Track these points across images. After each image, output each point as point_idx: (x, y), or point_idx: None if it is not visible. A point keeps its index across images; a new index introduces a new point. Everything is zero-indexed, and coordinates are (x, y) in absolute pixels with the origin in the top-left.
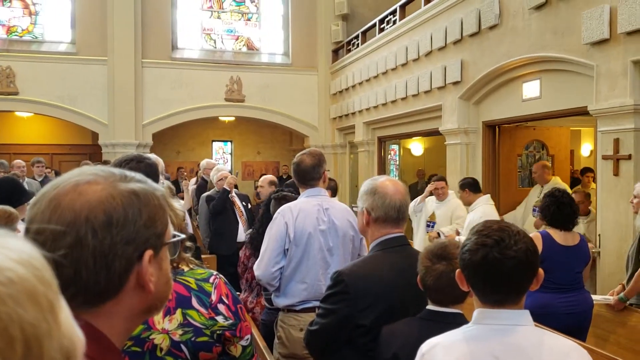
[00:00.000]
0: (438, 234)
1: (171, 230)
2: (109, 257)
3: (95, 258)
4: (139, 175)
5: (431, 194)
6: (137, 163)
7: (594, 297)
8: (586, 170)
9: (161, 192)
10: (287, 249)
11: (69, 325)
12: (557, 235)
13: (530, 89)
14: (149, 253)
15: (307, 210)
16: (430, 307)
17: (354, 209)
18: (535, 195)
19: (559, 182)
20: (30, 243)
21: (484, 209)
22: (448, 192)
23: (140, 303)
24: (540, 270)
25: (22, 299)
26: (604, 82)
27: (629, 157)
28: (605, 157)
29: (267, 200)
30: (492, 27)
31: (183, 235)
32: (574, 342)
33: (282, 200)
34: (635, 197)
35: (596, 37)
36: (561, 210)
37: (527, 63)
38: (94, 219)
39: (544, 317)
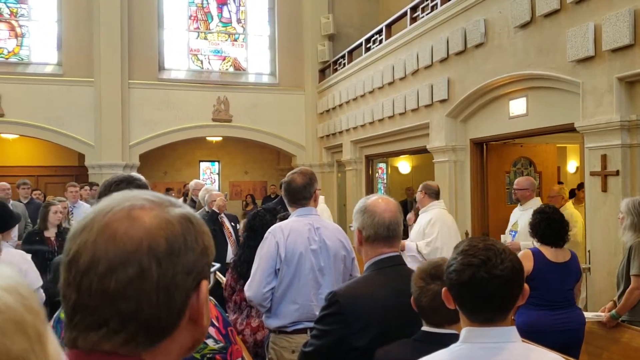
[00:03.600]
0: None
1: None
2: (171, 289)
3: (159, 291)
4: (179, 201)
5: None
6: (127, 184)
7: (585, 314)
8: (582, 185)
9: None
10: (278, 269)
11: (56, 356)
12: (548, 252)
13: (517, 106)
14: (205, 283)
15: (298, 229)
16: (425, 328)
17: (351, 228)
18: None
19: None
20: (78, 278)
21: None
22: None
23: (190, 339)
24: (526, 286)
25: (9, 330)
26: (590, 99)
27: (617, 173)
28: (593, 174)
29: (245, 228)
30: (477, 46)
31: (218, 265)
32: (561, 357)
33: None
34: (621, 213)
35: (581, 55)
36: (552, 227)
37: (513, 81)
38: (157, 247)
39: (536, 335)
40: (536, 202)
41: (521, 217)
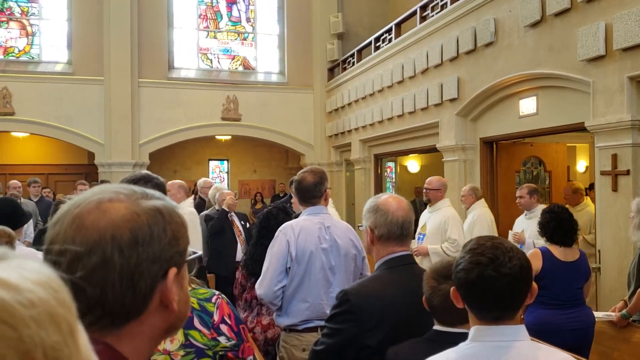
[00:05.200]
0: None
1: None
2: (135, 276)
3: (122, 278)
4: (158, 193)
5: None
6: (144, 183)
7: (595, 313)
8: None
9: (180, 209)
10: (289, 268)
11: (87, 350)
12: (557, 251)
13: (527, 105)
14: (173, 271)
15: (308, 228)
16: (437, 327)
17: (360, 228)
18: None
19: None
20: (51, 264)
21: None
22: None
23: (162, 323)
24: (534, 284)
25: (44, 322)
26: (600, 98)
27: (627, 172)
28: (603, 173)
29: (259, 227)
30: (488, 45)
31: (200, 252)
32: (570, 356)
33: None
34: (632, 212)
35: (592, 54)
36: (561, 226)
37: (523, 80)
38: (120, 237)
39: (546, 334)
40: (445, 203)
41: (430, 219)
